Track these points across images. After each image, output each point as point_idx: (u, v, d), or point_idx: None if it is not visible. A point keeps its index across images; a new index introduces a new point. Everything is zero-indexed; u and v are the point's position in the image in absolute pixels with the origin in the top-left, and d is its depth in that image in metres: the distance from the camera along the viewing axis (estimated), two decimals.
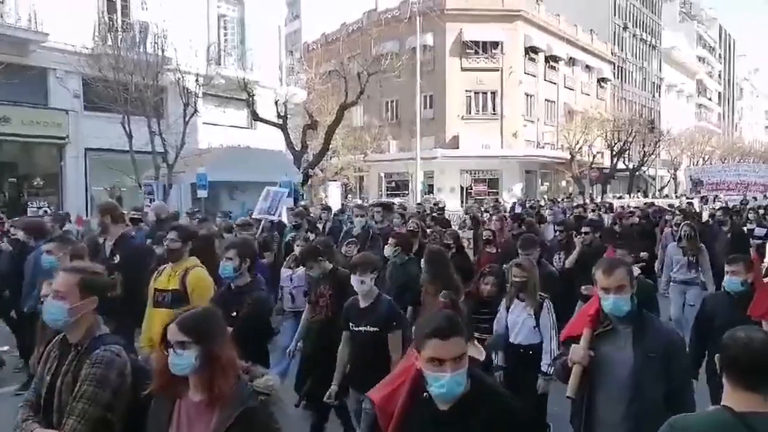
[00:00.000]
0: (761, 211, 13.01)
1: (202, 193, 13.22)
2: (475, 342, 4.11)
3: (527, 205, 16.74)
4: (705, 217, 14.29)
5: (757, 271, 4.44)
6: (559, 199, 20.37)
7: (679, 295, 7.48)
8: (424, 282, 4.97)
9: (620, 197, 28.07)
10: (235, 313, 3.82)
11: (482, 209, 14.56)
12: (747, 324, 3.41)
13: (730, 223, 10.16)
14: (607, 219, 11.98)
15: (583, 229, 7.24)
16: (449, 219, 12.52)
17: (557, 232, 8.57)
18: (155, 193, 14.03)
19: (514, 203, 18.97)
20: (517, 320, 4.51)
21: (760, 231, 10.29)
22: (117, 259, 4.89)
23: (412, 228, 7.87)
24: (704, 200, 20.18)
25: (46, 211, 13.98)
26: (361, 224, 7.72)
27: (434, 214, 12.38)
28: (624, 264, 2.96)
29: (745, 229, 10.54)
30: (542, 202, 21.14)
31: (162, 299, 4.29)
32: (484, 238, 8.05)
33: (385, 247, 6.09)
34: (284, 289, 5.95)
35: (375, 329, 4.01)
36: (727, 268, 4.31)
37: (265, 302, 4.23)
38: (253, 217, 9.30)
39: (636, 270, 4.57)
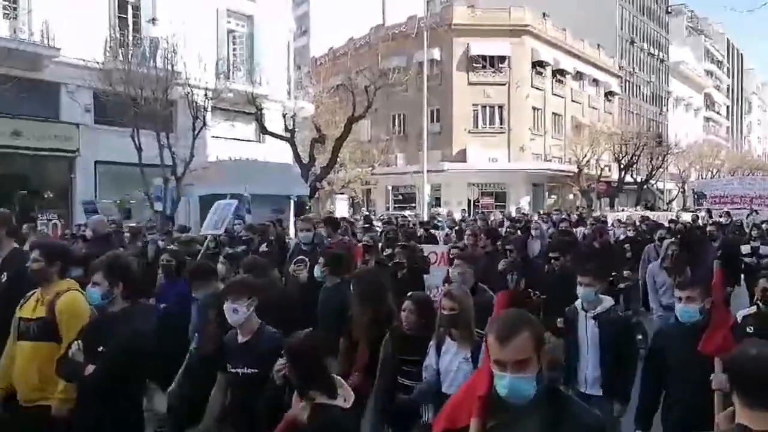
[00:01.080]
0: (765, 226, 12.19)
1: (158, 206, 13.14)
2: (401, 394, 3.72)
3: (515, 218, 15.72)
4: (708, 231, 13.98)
5: (718, 296, 3.84)
6: (558, 212, 19.54)
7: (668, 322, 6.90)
8: (352, 309, 4.38)
9: (622, 210, 27.95)
10: (101, 349, 3.16)
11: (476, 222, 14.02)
12: (704, 363, 3.22)
13: (721, 240, 9.66)
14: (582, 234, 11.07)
15: (551, 254, 6.12)
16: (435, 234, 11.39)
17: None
18: (164, 199, 14.07)
19: (503, 217, 17.62)
20: (450, 366, 3.54)
21: (765, 249, 9.31)
22: (4, 278, 4.19)
23: (366, 243, 7.21)
24: (709, 213, 19.79)
25: (55, 224, 14.08)
26: (306, 240, 6.62)
27: (409, 228, 11.50)
28: (530, 326, 1.98)
29: (748, 247, 9.50)
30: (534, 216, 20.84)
31: (27, 330, 3.50)
32: (451, 255, 7.24)
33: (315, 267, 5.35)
34: None
35: (254, 371, 3.25)
36: (678, 293, 3.64)
37: (138, 338, 3.24)
38: (201, 233, 8.43)
39: (608, 300, 4.27)
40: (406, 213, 24.57)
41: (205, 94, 15.45)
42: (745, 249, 9.34)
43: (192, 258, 6.11)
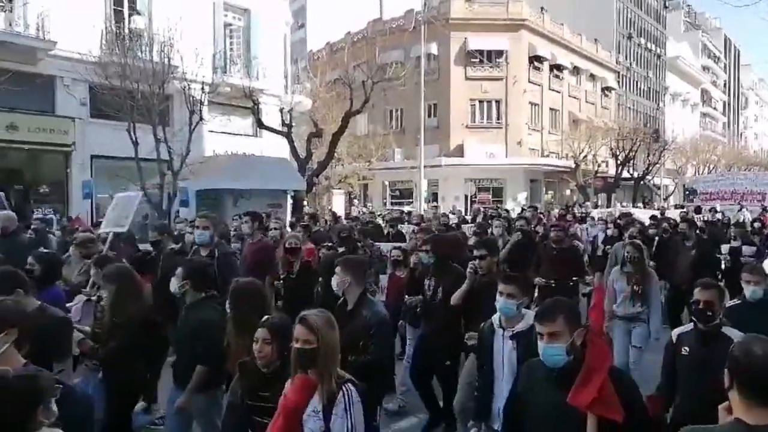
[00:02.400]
0: (757, 224, 11.75)
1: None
2: None
3: (486, 215, 14.13)
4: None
5: (597, 325, 3.58)
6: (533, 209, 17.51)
7: (624, 335, 5.90)
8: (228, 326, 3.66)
9: (625, 205, 27.91)
10: None
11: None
12: (575, 413, 2.50)
13: (696, 239, 8.67)
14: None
15: (476, 252, 5.06)
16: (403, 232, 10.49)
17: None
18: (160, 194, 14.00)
19: (476, 214, 15.96)
20: (306, 418, 2.70)
21: (748, 249, 8.71)
22: None
23: (290, 245, 6.16)
24: (698, 210, 19.56)
25: (51, 219, 14.02)
26: (203, 240, 5.55)
27: (367, 227, 10.76)
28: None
29: (728, 247, 8.92)
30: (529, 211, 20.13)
31: None
32: (392, 257, 6.68)
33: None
34: None
35: None
36: (539, 327, 2.68)
37: None
38: (101, 230, 7.57)
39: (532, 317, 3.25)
40: (405, 208, 24.62)
41: (202, 88, 15.36)
42: (724, 249, 8.83)
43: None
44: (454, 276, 5.13)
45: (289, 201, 18.99)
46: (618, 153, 36.10)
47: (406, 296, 5.80)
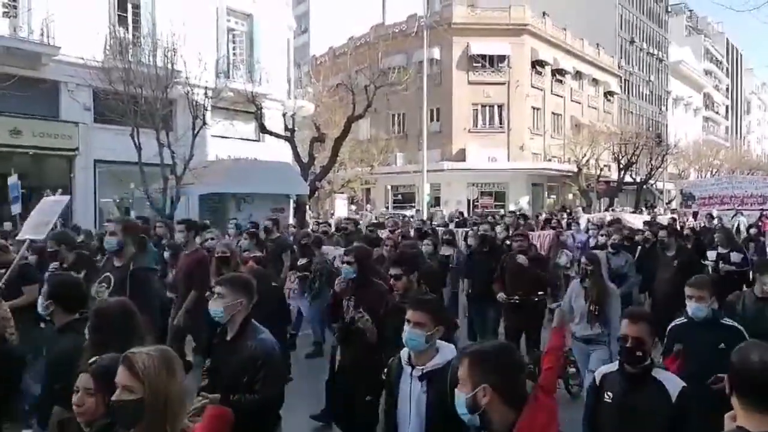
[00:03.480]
0: (753, 231, 11.19)
1: (15, 209, 11.11)
2: None
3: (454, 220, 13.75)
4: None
5: (548, 381, 2.96)
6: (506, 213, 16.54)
7: (584, 357, 5.37)
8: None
9: (625, 210, 27.81)
10: None
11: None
12: None
13: (676, 248, 7.91)
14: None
15: (392, 271, 4.34)
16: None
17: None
18: (163, 198, 14.04)
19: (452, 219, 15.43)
20: None
21: (736, 257, 8.16)
22: None
23: (220, 254, 5.70)
24: (694, 216, 19.06)
25: (56, 223, 14.05)
26: (111, 247, 4.71)
27: (317, 233, 9.86)
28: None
29: (714, 254, 8.41)
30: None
31: None
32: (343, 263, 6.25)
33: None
34: None
35: None
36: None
37: None
38: (19, 237, 6.70)
39: (449, 351, 2.85)
40: (407, 212, 24.62)
41: (205, 93, 15.43)
42: (711, 255, 8.40)
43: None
44: (375, 295, 4.27)
45: (292, 205, 19.03)
46: (620, 157, 36.06)
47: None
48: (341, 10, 42.27)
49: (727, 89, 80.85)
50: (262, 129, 19.43)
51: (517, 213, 16.72)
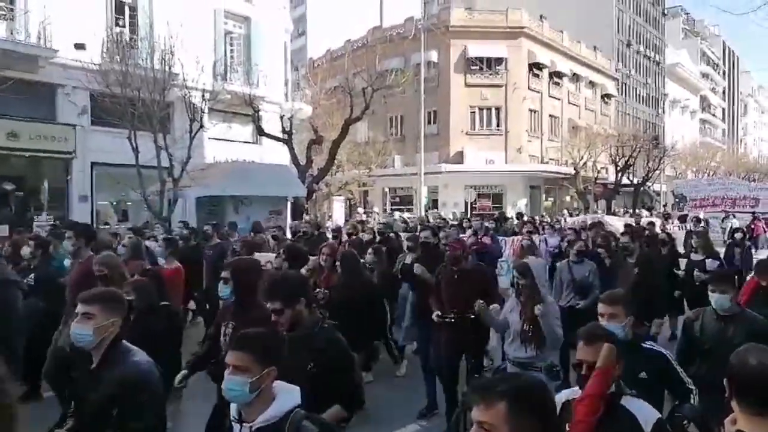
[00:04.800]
0: (738, 235, 10.50)
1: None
2: None
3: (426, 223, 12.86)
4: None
5: (587, 406, 2.45)
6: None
7: None
8: None
9: (595, 213, 27.82)
10: None
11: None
12: None
13: (638, 253, 7.21)
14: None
15: (270, 305, 3.18)
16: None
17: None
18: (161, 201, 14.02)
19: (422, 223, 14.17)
20: None
21: (711, 264, 7.63)
22: None
23: (98, 272, 4.86)
24: (682, 219, 18.58)
25: (53, 225, 14.02)
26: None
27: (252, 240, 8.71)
28: None
29: (685, 261, 7.85)
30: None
31: None
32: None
33: None
34: None
35: None
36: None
37: None
38: None
39: (290, 400, 2.24)
40: (405, 215, 24.63)
41: (202, 96, 15.42)
42: (681, 263, 7.90)
43: None
44: (257, 323, 3.03)
45: (290, 208, 19.03)
46: (618, 159, 36.17)
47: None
48: (338, 13, 42.34)
49: (724, 92, 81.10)
50: (260, 131, 19.44)
51: (469, 218, 15.79)
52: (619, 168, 36.24)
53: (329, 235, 11.49)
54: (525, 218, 16.75)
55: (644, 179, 38.05)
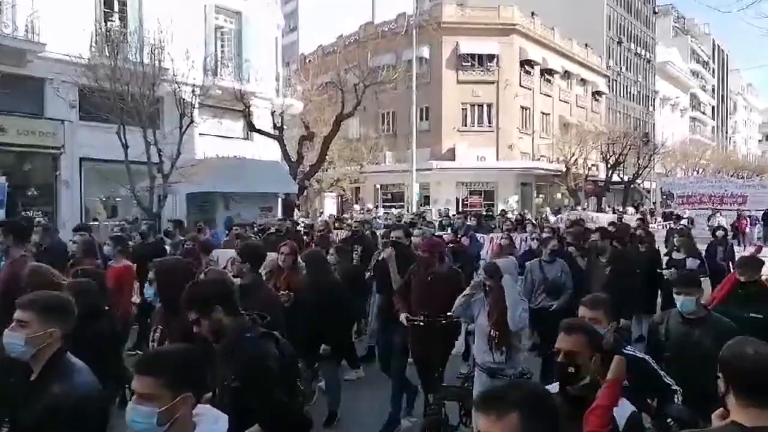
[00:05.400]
0: (721, 233, 10.24)
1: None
2: None
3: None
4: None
5: (598, 417, 2.31)
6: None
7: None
8: None
9: (607, 210, 27.93)
10: None
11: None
12: None
13: (610, 254, 6.73)
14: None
15: (191, 315, 2.90)
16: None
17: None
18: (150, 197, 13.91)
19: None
20: None
21: (692, 263, 7.41)
22: None
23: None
24: (665, 216, 18.44)
25: (40, 222, 13.87)
26: None
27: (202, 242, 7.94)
28: None
29: (665, 259, 7.67)
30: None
31: None
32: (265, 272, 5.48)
33: None
34: None
35: None
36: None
37: None
38: None
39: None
40: (394, 211, 24.63)
41: (193, 91, 15.30)
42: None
43: None
44: (186, 327, 2.89)
45: (281, 204, 18.96)
46: (608, 157, 36.34)
47: None
48: (330, 8, 42.15)
49: (714, 90, 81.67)
50: (251, 127, 19.35)
51: (444, 215, 15.69)
52: (609, 165, 36.41)
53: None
54: (508, 215, 16.81)
55: (634, 176, 38.25)
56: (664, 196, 23.26)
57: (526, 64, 37.89)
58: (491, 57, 36.23)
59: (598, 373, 2.45)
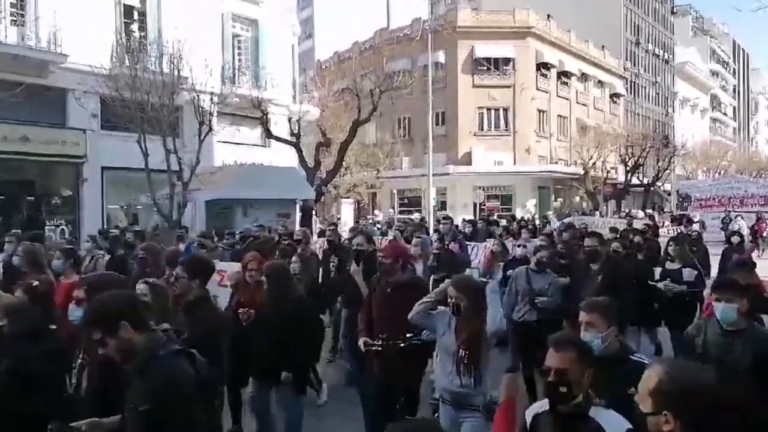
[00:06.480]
0: (736, 238, 9.58)
1: None
2: None
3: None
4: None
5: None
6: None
7: (450, 426, 3.61)
8: None
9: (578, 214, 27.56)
10: None
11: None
12: None
13: (601, 263, 6.22)
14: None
15: (92, 335, 2.64)
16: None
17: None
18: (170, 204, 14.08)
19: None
20: None
21: (689, 274, 6.71)
22: None
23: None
24: (675, 220, 17.77)
25: (63, 230, 14.12)
26: None
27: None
28: None
29: (660, 269, 7.08)
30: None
31: None
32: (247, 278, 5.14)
33: None
34: None
35: None
36: None
37: None
38: None
39: None
40: (416, 215, 24.59)
41: (211, 99, 15.46)
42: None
43: None
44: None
45: (298, 210, 19.03)
46: (627, 159, 35.95)
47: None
48: (346, 14, 42.36)
49: (734, 90, 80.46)
50: (268, 134, 19.48)
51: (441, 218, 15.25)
52: (628, 168, 36.02)
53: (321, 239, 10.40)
54: (524, 222, 16.07)
55: (654, 179, 37.78)
56: (681, 199, 22.69)
57: (542, 66, 37.69)
58: (507, 60, 36.11)
59: (592, 387, 2.40)
